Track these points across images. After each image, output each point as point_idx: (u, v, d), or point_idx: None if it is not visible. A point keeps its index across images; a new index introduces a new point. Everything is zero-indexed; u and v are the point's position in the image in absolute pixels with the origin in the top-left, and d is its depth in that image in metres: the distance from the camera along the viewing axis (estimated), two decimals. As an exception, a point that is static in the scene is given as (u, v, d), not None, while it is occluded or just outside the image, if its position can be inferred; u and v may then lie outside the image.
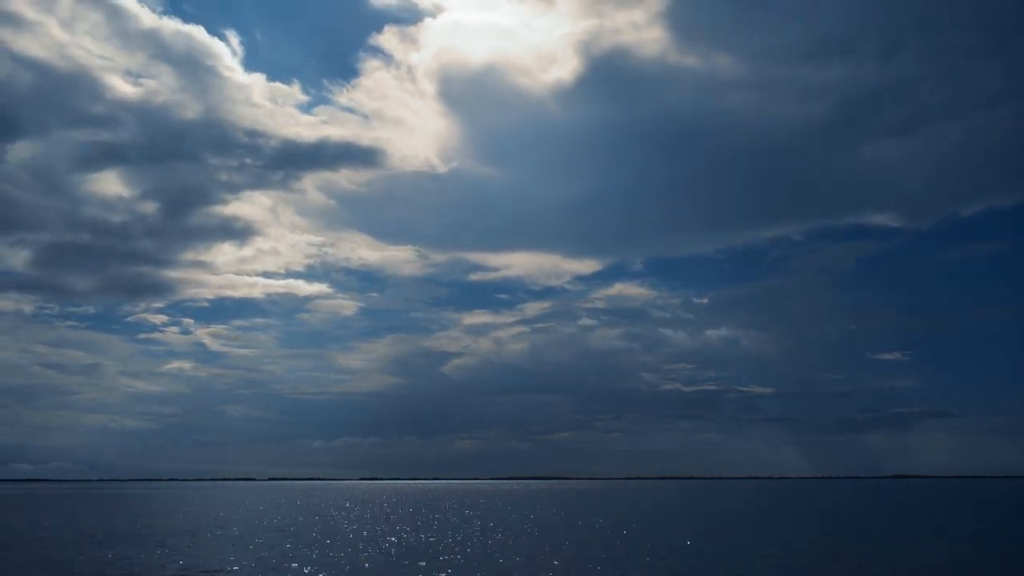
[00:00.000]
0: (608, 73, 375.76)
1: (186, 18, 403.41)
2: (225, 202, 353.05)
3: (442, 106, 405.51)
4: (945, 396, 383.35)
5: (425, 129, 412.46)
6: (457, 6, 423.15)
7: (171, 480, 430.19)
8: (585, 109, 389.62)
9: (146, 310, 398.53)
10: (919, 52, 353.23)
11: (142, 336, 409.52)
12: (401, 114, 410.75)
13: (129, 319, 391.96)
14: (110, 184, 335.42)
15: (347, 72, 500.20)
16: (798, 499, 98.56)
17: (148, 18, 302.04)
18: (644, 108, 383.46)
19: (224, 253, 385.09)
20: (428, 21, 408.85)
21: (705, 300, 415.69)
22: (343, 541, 36.89)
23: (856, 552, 31.73)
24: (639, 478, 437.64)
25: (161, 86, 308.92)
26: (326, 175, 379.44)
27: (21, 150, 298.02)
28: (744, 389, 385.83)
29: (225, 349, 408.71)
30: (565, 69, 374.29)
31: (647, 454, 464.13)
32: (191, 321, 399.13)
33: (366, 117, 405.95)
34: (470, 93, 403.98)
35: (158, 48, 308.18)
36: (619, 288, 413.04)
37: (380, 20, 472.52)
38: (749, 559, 28.96)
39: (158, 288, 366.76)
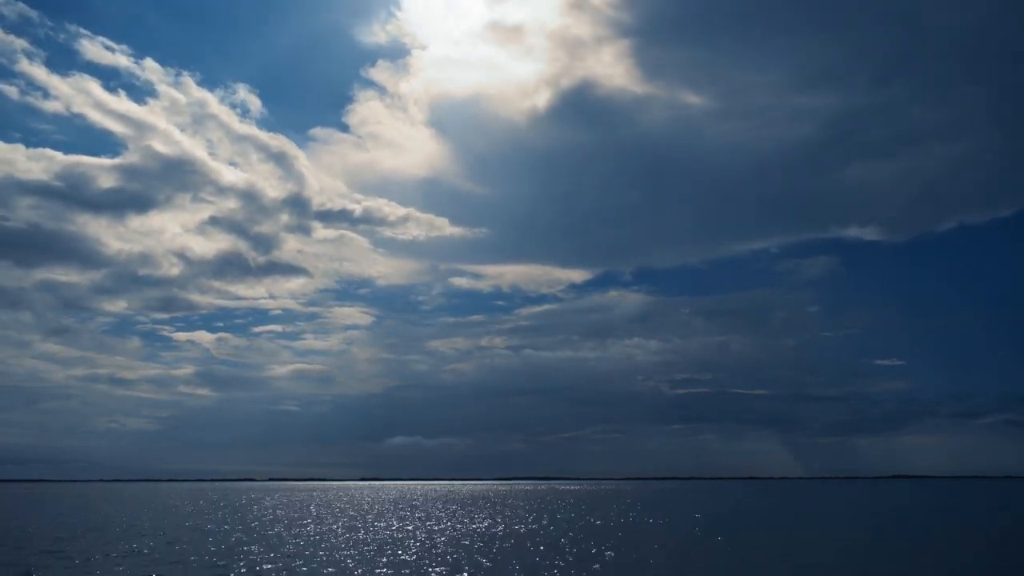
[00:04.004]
0: (577, 103, 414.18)
1: (271, 128, 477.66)
2: (286, 249, 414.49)
3: (432, 131, 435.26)
4: (931, 398, 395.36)
5: (417, 151, 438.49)
6: (442, 42, 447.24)
7: (171, 480, 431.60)
8: (560, 135, 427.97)
9: (157, 320, 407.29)
10: (901, 82, 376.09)
11: (149, 341, 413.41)
12: (394, 137, 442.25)
13: (138, 327, 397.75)
14: (205, 237, 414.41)
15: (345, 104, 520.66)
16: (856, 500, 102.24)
17: (242, 127, 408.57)
18: (617, 133, 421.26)
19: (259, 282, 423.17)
20: (417, 53, 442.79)
21: (696, 307, 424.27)
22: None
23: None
24: (636, 478, 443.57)
25: (255, 173, 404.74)
26: (377, 230, 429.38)
27: (143, 219, 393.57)
28: (737, 391, 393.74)
29: (229, 354, 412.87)
30: (539, 99, 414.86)
31: (643, 455, 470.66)
32: (199, 327, 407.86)
33: (360, 137, 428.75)
34: (457, 120, 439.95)
35: (253, 147, 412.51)
36: (612, 295, 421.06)
37: (373, 56, 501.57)
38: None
39: (189, 306, 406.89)
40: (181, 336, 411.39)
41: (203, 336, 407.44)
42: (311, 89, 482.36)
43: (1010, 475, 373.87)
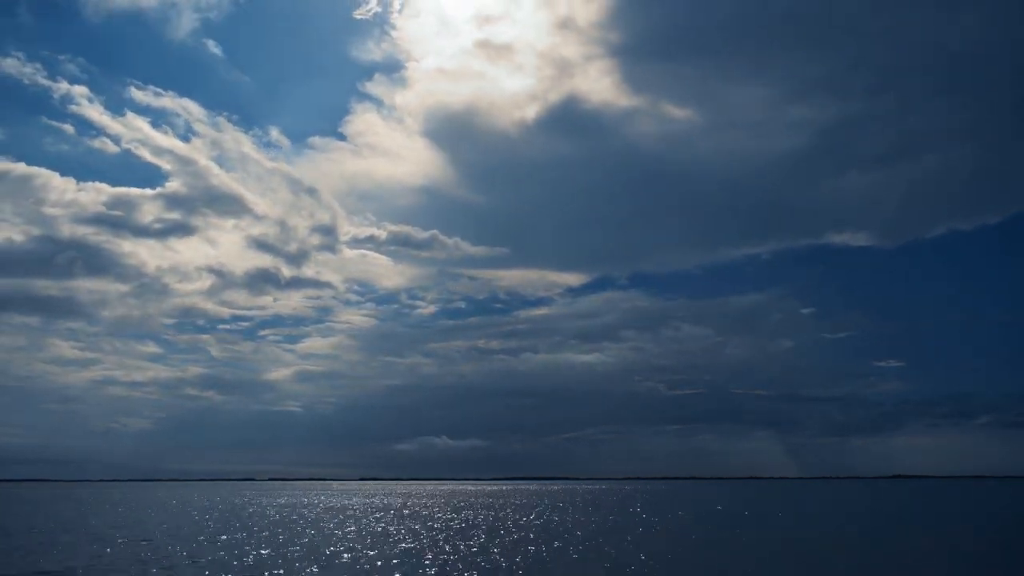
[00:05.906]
0: (566, 116, 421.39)
1: (290, 161, 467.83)
2: (308, 265, 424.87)
3: (427, 141, 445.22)
4: (927, 399, 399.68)
5: (414, 160, 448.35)
6: (435, 57, 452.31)
7: (172, 480, 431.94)
8: (551, 145, 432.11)
9: (166, 325, 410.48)
10: (891, 93, 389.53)
11: (150, 341, 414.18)
12: (391, 147, 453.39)
13: (147, 331, 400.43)
14: (234, 257, 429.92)
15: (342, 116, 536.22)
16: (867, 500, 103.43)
17: (268, 162, 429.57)
18: (606, 145, 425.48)
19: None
20: (413, 66, 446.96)
21: (693, 310, 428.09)
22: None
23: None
24: (635, 478, 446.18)
25: (278, 200, 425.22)
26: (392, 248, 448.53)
27: (186, 242, 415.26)
28: (735, 392, 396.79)
29: (231, 355, 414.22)
30: (529, 112, 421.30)
31: (641, 455, 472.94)
32: (201, 328, 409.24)
33: (357, 147, 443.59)
34: (452, 130, 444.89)
35: (275, 178, 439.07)
36: (608, 297, 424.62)
37: (370, 70, 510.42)
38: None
39: (200, 313, 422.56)
40: (186, 338, 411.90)
41: (208, 339, 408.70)
42: (314, 102, 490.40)
43: (1006, 475, 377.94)
